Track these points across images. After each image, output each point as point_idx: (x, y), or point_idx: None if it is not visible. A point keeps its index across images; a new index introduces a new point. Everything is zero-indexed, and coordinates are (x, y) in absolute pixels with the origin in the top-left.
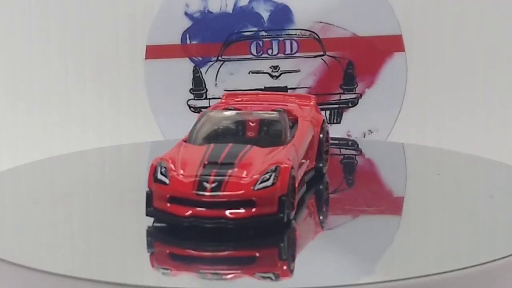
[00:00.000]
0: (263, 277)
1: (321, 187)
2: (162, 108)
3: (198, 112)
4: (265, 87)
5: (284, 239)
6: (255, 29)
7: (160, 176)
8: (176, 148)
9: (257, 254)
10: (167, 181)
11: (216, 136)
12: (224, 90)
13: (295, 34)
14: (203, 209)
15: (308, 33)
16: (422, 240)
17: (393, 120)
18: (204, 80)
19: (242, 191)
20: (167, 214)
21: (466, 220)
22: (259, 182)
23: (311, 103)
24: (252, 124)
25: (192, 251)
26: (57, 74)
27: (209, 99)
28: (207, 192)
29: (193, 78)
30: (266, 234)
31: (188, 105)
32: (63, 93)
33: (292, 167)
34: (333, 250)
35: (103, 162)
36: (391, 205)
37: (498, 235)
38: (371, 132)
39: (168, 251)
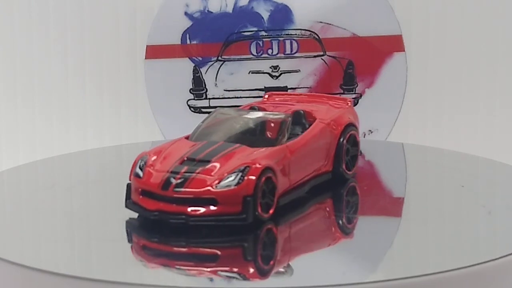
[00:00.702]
0: (228, 277)
1: (328, 189)
2: (162, 108)
3: (198, 112)
4: (265, 87)
5: (248, 240)
6: (255, 29)
7: (137, 170)
8: (169, 143)
9: (219, 253)
10: (141, 174)
11: (216, 134)
12: (224, 90)
13: (295, 34)
14: (168, 204)
15: (308, 33)
16: (422, 240)
17: (393, 120)
18: (204, 80)
19: (204, 189)
20: (138, 207)
21: (465, 220)
22: (223, 180)
23: (346, 106)
24: (252, 124)
25: (160, 245)
26: (57, 74)
27: (209, 99)
28: (171, 188)
29: (193, 78)
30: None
31: (188, 105)
32: (63, 93)
33: (267, 168)
34: (322, 251)
35: (103, 162)
36: (391, 205)
37: (497, 234)
38: (371, 132)
39: (142, 244)
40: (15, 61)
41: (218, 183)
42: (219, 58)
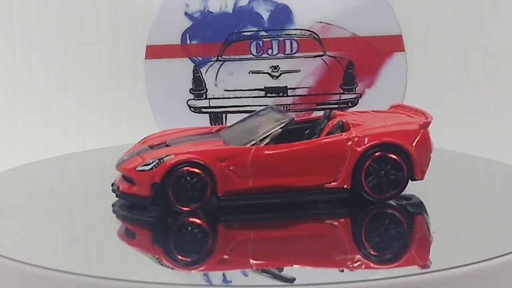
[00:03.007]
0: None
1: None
2: (162, 108)
3: (198, 112)
4: (265, 87)
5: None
6: (255, 29)
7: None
8: (190, 129)
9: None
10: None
11: (234, 127)
12: (224, 90)
13: (295, 34)
14: (118, 178)
15: (308, 33)
16: (421, 239)
17: None
18: (204, 80)
19: (128, 169)
20: None
21: (465, 220)
22: (142, 165)
23: (414, 127)
24: (255, 125)
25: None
26: (56, 74)
27: (209, 99)
28: (116, 164)
29: (193, 78)
30: None
31: (188, 105)
32: (63, 93)
33: (192, 162)
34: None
35: (103, 163)
36: (391, 204)
37: (497, 234)
38: None
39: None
40: (15, 61)
41: (139, 165)
42: (219, 58)
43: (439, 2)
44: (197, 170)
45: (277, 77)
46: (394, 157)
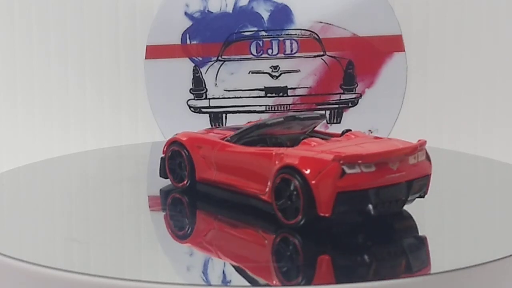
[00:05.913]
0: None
1: None
2: (162, 108)
3: (198, 112)
4: (265, 87)
5: None
6: (255, 29)
7: None
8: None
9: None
10: None
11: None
12: (224, 90)
13: (295, 34)
14: None
15: (308, 33)
16: (421, 239)
17: (393, 120)
18: (204, 80)
19: None
20: None
21: (466, 220)
22: None
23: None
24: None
25: None
26: (57, 74)
27: (209, 99)
28: None
29: (193, 78)
30: None
31: (188, 105)
32: (64, 93)
33: (179, 143)
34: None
35: (103, 163)
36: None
37: (498, 234)
38: (371, 132)
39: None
40: (15, 61)
41: None
42: (219, 58)
43: (439, 2)
44: (182, 152)
45: (277, 77)
46: (296, 183)
